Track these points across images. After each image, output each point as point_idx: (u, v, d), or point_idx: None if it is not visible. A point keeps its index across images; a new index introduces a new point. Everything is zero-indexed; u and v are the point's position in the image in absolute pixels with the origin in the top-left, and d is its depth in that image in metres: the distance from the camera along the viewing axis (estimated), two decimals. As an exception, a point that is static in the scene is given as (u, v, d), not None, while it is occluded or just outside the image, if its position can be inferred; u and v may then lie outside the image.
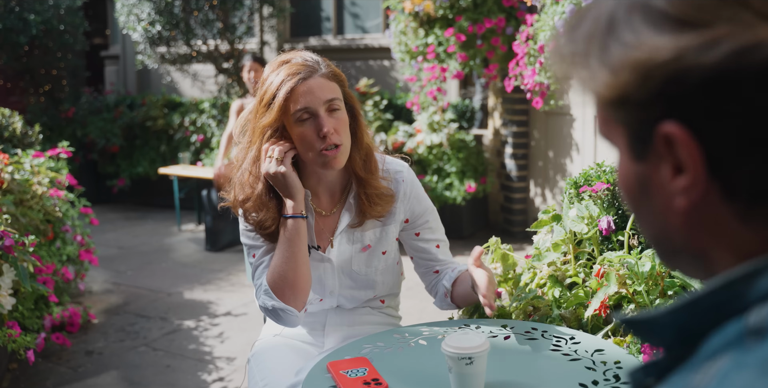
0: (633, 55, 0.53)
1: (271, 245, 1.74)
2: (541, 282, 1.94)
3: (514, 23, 4.98)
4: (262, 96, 1.68)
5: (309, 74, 1.65)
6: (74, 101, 7.46)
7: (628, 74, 0.54)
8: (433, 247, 1.87)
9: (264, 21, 6.89)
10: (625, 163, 0.60)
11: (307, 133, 1.64)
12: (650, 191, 0.58)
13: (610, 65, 0.55)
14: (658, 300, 1.66)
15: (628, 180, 0.61)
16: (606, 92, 0.56)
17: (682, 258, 0.61)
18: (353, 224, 1.79)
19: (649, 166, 0.57)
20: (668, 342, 0.56)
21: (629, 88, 0.54)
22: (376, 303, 1.92)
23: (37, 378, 3.20)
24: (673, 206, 0.56)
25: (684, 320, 0.54)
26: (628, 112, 0.56)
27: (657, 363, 0.57)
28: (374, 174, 1.77)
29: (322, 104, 1.64)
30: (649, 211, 0.60)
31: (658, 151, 0.55)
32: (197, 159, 6.76)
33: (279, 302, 1.64)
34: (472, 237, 5.43)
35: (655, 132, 0.54)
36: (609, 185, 1.95)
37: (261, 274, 1.72)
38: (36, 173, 3.57)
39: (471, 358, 1.30)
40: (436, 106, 5.40)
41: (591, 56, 0.57)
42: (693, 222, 0.56)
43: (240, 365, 3.34)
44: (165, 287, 4.59)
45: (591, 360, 1.46)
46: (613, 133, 0.60)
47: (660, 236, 0.61)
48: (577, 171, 5.05)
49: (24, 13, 6.79)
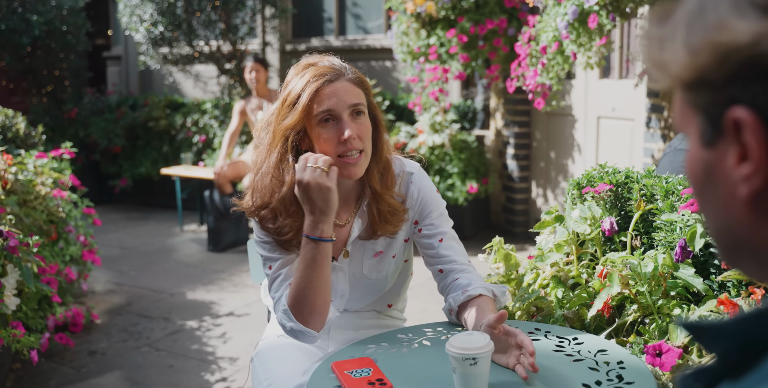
0: (713, 37, 0.54)
1: (288, 255, 1.70)
2: (544, 283, 1.95)
3: (515, 24, 4.99)
4: (285, 97, 1.64)
5: (336, 77, 1.61)
6: (77, 102, 7.47)
7: (707, 56, 0.55)
8: (436, 241, 1.79)
9: (266, 22, 6.90)
10: (694, 150, 0.61)
11: (328, 136, 1.60)
12: (715, 180, 0.59)
13: (691, 47, 0.56)
14: (661, 301, 1.66)
15: (695, 167, 0.61)
16: (684, 74, 0.57)
17: (743, 254, 0.60)
18: (363, 237, 1.76)
19: (716, 153, 0.58)
20: (727, 350, 0.55)
21: (706, 70, 0.55)
22: (382, 307, 1.92)
23: (40, 378, 3.21)
24: (736, 195, 0.56)
25: (748, 329, 0.54)
26: (702, 95, 0.57)
27: (708, 370, 0.57)
28: (390, 189, 1.73)
29: (346, 108, 1.60)
30: (713, 201, 0.60)
31: (726, 137, 0.56)
32: (199, 160, 6.77)
33: (297, 323, 1.60)
34: (473, 238, 5.43)
35: (725, 117, 0.55)
36: (611, 186, 1.96)
37: (279, 287, 1.67)
38: (39, 174, 3.58)
39: (475, 358, 1.31)
40: (438, 107, 5.41)
41: (675, 39, 0.57)
42: (756, 213, 0.56)
43: (243, 365, 3.34)
44: (167, 287, 4.60)
45: (594, 360, 1.47)
46: (687, 119, 0.60)
47: (722, 229, 0.61)
48: (578, 172, 5.07)
49: (27, 14, 6.81)
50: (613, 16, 3.53)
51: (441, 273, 1.79)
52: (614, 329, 1.72)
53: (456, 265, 1.78)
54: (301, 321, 1.60)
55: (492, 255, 2.08)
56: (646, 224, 1.88)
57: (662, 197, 1.84)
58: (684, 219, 1.72)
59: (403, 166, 1.81)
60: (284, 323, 1.62)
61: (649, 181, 1.90)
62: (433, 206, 1.80)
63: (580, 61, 3.89)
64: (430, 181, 1.84)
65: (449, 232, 1.82)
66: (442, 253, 1.78)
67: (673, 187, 1.83)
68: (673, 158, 2.18)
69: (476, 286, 1.69)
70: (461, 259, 1.79)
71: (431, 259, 1.81)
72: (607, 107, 4.80)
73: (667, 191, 1.83)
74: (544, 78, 4.07)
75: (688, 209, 1.69)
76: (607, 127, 4.86)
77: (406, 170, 1.80)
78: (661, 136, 4.15)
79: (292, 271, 1.70)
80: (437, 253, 1.79)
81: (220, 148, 6.26)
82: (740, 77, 0.54)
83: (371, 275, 1.82)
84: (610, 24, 3.55)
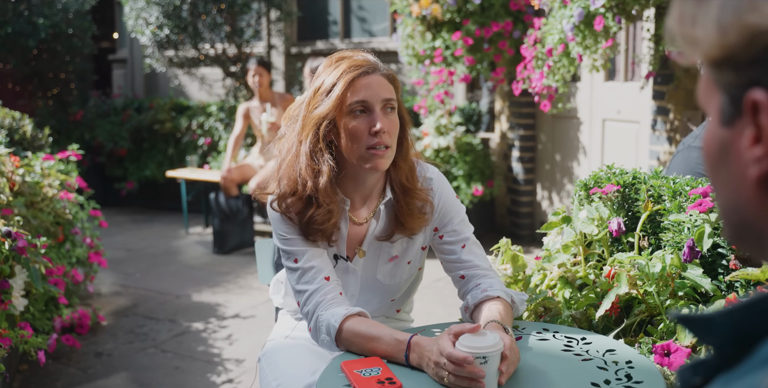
0: (744, 18, 0.55)
1: (315, 248, 1.68)
2: (551, 283, 1.95)
3: (521, 27, 5.00)
4: (318, 86, 1.63)
5: (372, 70, 1.62)
6: (82, 104, 7.49)
7: (736, 36, 0.55)
8: (459, 248, 1.77)
9: (271, 25, 6.91)
10: (713, 128, 0.62)
11: (359, 127, 1.59)
12: (729, 158, 0.60)
13: (722, 25, 0.56)
14: (669, 301, 1.67)
15: (712, 144, 0.62)
16: (712, 51, 0.58)
17: (748, 234, 0.61)
18: (381, 237, 1.75)
19: (733, 132, 0.59)
20: (721, 342, 0.56)
21: (734, 49, 0.56)
22: (391, 312, 1.92)
23: (47, 379, 3.22)
24: (747, 175, 0.58)
25: (740, 321, 0.55)
26: (726, 74, 0.58)
27: (706, 362, 0.57)
28: (417, 187, 1.72)
29: (379, 101, 1.60)
30: (724, 179, 0.61)
31: (744, 117, 0.57)
32: (204, 162, 6.78)
33: (335, 346, 1.59)
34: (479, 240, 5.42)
35: (745, 98, 0.56)
36: (619, 187, 1.96)
37: (312, 279, 1.65)
38: (46, 176, 3.60)
39: (485, 357, 1.31)
40: (443, 110, 5.42)
41: (709, 16, 0.58)
42: (765, 195, 0.57)
43: (249, 367, 3.35)
44: (173, 289, 4.61)
45: (603, 360, 1.47)
46: (710, 96, 0.61)
47: (730, 206, 0.62)
48: (584, 174, 5.07)
49: (33, 17, 6.83)
50: (619, 18, 3.53)
51: (462, 279, 1.77)
52: (622, 329, 1.72)
53: (479, 270, 1.76)
54: (339, 347, 1.60)
55: (499, 256, 2.08)
56: (654, 224, 1.89)
57: (670, 197, 1.84)
58: (692, 219, 1.72)
59: (424, 171, 1.79)
60: (320, 336, 1.61)
61: (657, 182, 1.90)
62: (454, 212, 1.79)
63: (586, 64, 3.89)
64: (450, 187, 1.82)
65: (471, 237, 1.80)
66: (464, 258, 1.77)
67: (681, 187, 1.83)
68: (687, 155, 2.17)
69: (497, 288, 1.69)
70: (484, 264, 1.78)
71: (452, 264, 1.79)
72: (613, 110, 4.81)
73: (675, 192, 1.83)
74: (550, 80, 4.07)
75: (696, 209, 1.69)
76: (613, 130, 4.86)
77: (426, 175, 1.78)
78: (666, 138, 4.15)
79: (324, 263, 1.68)
80: (459, 258, 1.77)
81: (226, 151, 6.28)
82: (764, 60, 0.54)
83: (385, 281, 1.81)
84: (615, 26, 3.56)
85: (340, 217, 1.70)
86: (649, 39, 3.77)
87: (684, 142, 2.24)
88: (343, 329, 1.56)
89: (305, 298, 1.65)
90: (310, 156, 1.63)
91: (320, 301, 1.63)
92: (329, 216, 1.65)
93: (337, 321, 1.57)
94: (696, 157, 2.14)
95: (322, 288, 1.64)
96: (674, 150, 4.07)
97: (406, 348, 1.46)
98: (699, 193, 1.74)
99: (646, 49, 3.90)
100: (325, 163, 1.63)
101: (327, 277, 1.66)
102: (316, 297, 1.63)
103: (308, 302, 1.64)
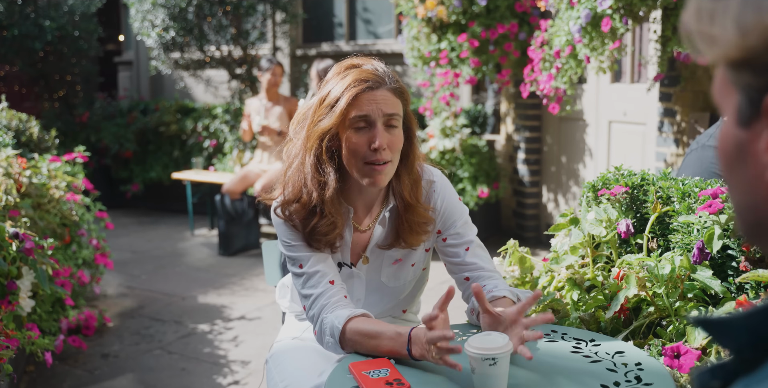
0: (766, 20, 0.54)
1: (319, 253, 1.68)
2: (559, 285, 1.94)
3: (526, 29, 4.99)
4: (324, 97, 1.63)
5: (377, 84, 1.60)
6: (88, 106, 7.51)
7: (757, 38, 0.54)
8: (462, 250, 1.77)
9: (277, 27, 6.92)
10: (729, 128, 0.61)
11: (359, 142, 1.59)
12: (745, 159, 0.59)
13: (742, 26, 0.55)
14: (678, 303, 1.66)
15: (727, 144, 0.61)
16: (731, 52, 0.57)
17: (763, 233, 0.61)
18: (382, 246, 1.76)
19: (750, 133, 0.58)
20: (740, 345, 0.55)
21: (754, 52, 0.55)
22: (397, 312, 1.92)
23: (54, 381, 3.22)
24: (763, 177, 0.57)
25: (759, 324, 0.54)
26: (744, 75, 0.57)
27: (724, 366, 0.56)
28: (420, 202, 1.72)
29: (381, 116, 1.59)
30: (740, 179, 0.61)
31: (762, 120, 0.56)
32: (210, 164, 6.78)
33: (339, 348, 1.59)
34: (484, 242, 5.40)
35: (764, 101, 0.55)
36: (627, 189, 1.95)
37: (317, 283, 1.65)
38: (53, 177, 3.60)
39: (495, 359, 1.30)
40: (449, 112, 5.41)
41: (728, 15, 0.57)
42: None
43: (254, 368, 3.35)
44: (179, 290, 4.61)
45: (612, 362, 1.46)
46: (725, 96, 0.61)
47: (747, 207, 0.61)
48: (590, 176, 5.06)
49: (39, 20, 6.85)
50: (626, 19, 3.52)
51: (467, 281, 1.77)
52: (631, 331, 1.71)
53: (483, 272, 1.76)
54: (344, 350, 1.60)
55: (507, 258, 2.08)
56: (662, 226, 1.88)
57: (679, 199, 1.83)
58: (701, 221, 1.71)
59: (427, 175, 1.79)
60: (324, 339, 1.61)
61: (665, 184, 1.89)
62: (457, 215, 1.78)
63: (593, 66, 3.88)
64: (453, 189, 1.82)
65: (475, 240, 1.80)
66: (468, 261, 1.77)
67: (690, 189, 1.82)
68: (701, 154, 2.15)
69: (502, 288, 1.69)
70: (488, 266, 1.78)
71: (456, 267, 1.79)
72: (619, 112, 4.80)
73: (684, 193, 1.82)
74: (558, 82, 4.07)
75: (706, 210, 1.68)
76: (619, 132, 4.85)
77: (428, 179, 1.78)
78: (673, 140, 4.14)
79: (328, 267, 1.68)
80: (463, 261, 1.77)
81: (231, 153, 6.31)
82: None
83: (389, 283, 1.81)
84: (623, 27, 3.55)
85: (344, 225, 1.70)
86: (656, 40, 3.76)
87: (698, 140, 2.22)
88: (346, 329, 1.56)
89: (310, 302, 1.65)
90: (316, 168, 1.64)
91: (325, 304, 1.63)
92: (333, 227, 1.66)
93: (341, 323, 1.57)
94: (711, 157, 2.12)
95: (326, 292, 1.65)
96: (681, 152, 4.06)
97: (408, 341, 1.47)
98: (708, 194, 1.73)
99: (652, 51, 3.89)
100: (330, 174, 1.64)
101: (332, 280, 1.67)
102: (320, 301, 1.64)
103: (313, 306, 1.65)
